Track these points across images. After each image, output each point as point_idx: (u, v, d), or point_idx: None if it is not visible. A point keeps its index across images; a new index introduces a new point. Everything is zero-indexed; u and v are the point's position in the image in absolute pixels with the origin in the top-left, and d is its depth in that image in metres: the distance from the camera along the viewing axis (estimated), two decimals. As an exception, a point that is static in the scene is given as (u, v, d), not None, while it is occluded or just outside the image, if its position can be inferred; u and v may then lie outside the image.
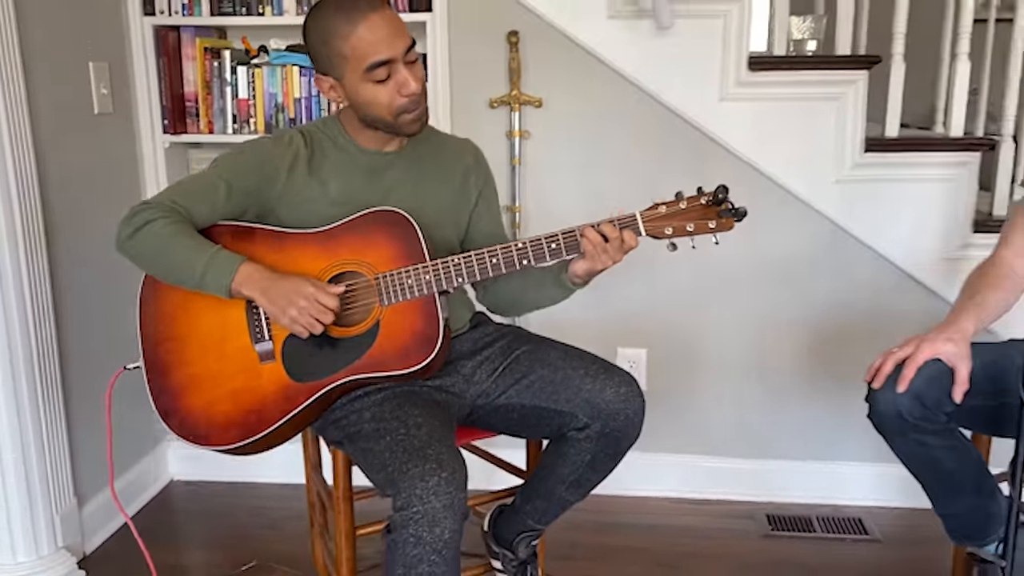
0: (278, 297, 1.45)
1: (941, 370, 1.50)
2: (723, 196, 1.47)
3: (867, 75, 2.21)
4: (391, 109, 1.52)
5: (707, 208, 1.50)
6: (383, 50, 1.47)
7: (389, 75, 1.49)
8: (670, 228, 1.51)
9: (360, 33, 1.46)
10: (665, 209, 1.51)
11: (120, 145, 2.38)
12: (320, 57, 1.53)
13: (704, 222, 1.50)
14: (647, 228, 1.51)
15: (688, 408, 2.47)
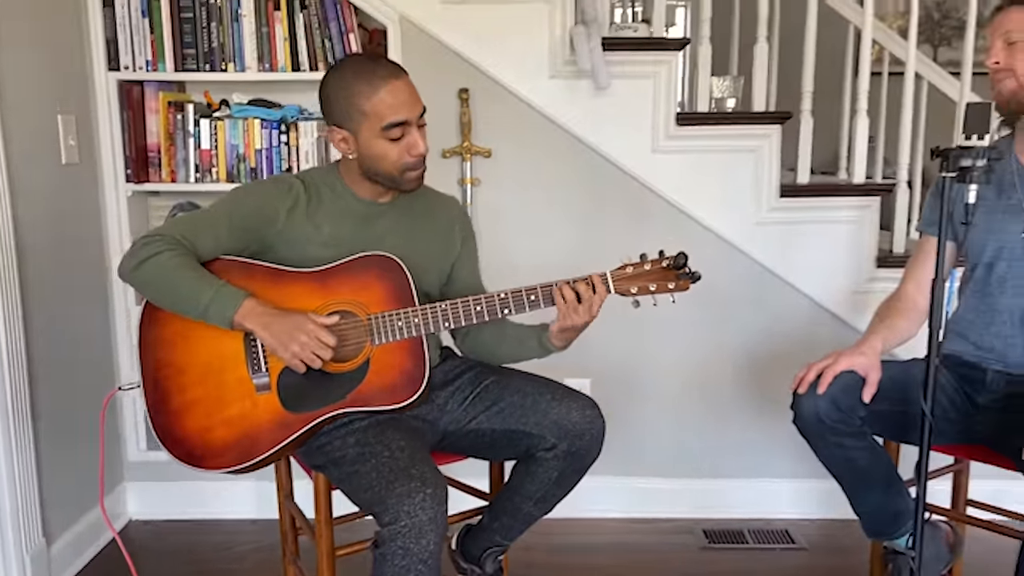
0: (280, 332, 1.58)
1: (855, 380, 1.73)
2: (683, 262, 1.68)
3: (780, 129, 2.49)
4: (398, 166, 1.67)
5: (667, 271, 1.70)
6: (402, 112, 1.63)
7: (402, 135, 1.65)
8: (635, 287, 1.70)
9: (382, 95, 1.62)
10: (632, 270, 1.70)
11: (85, 193, 2.47)
12: (338, 110, 1.67)
13: (665, 283, 1.70)
14: (615, 287, 1.70)
15: (630, 434, 2.67)
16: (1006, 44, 1.72)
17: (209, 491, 2.70)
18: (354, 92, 1.63)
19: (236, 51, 2.49)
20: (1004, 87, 1.73)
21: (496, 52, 2.45)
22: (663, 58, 2.45)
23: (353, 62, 1.68)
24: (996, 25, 1.75)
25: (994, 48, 1.74)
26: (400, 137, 1.64)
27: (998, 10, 1.75)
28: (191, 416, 1.66)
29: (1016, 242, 1.77)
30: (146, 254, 1.60)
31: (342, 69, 1.67)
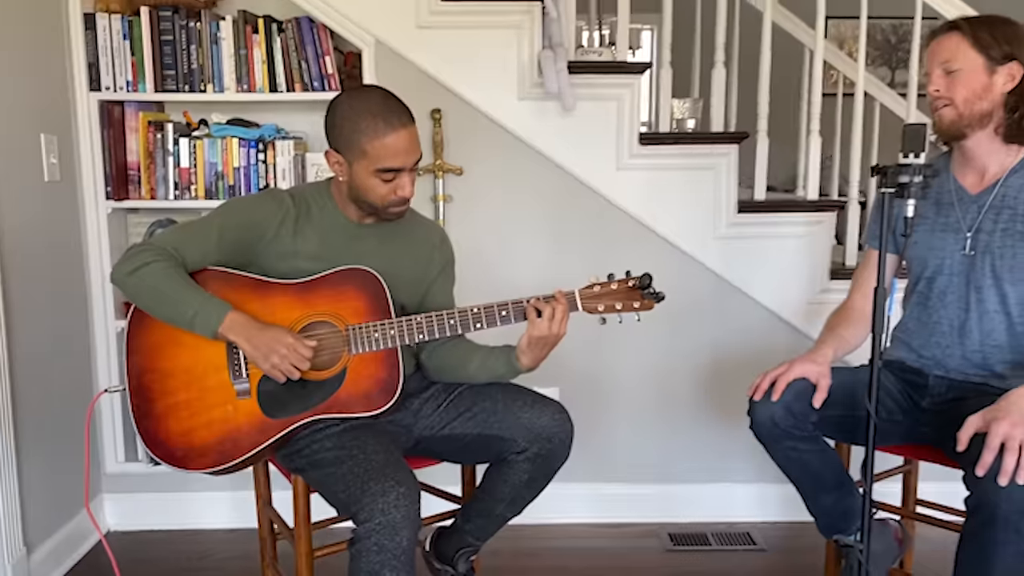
0: (261, 345, 1.67)
1: (807, 386, 1.84)
2: (648, 282, 1.78)
3: (737, 148, 2.61)
4: (383, 201, 1.76)
5: (633, 290, 1.80)
6: (398, 161, 1.72)
7: (394, 179, 1.74)
8: (602, 306, 1.80)
9: (386, 141, 1.69)
10: (599, 289, 1.80)
11: (66, 209, 2.53)
12: (341, 138, 1.73)
13: (630, 302, 1.80)
14: (583, 305, 1.79)
15: (596, 441, 2.76)
16: (945, 73, 1.83)
17: (186, 502, 2.75)
18: (361, 129, 1.69)
19: (215, 72, 2.57)
20: (944, 116, 1.84)
21: (467, 75, 2.56)
22: (626, 81, 2.57)
23: (368, 99, 1.72)
24: (933, 53, 1.86)
25: (933, 76, 1.85)
26: (391, 180, 1.73)
27: (933, 36, 1.87)
28: (174, 419, 1.73)
29: (955, 259, 1.89)
30: (138, 263, 1.68)
31: (356, 102, 1.72)
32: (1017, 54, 1.79)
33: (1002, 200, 1.85)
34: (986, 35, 1.79)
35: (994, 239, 1.84)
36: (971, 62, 1.80)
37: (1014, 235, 1.82)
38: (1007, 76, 1.80)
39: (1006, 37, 1.79)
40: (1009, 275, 1.83)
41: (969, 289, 1.88)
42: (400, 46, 2.55)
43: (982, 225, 1.86)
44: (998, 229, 1.84)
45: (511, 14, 2.53)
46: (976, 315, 1.87)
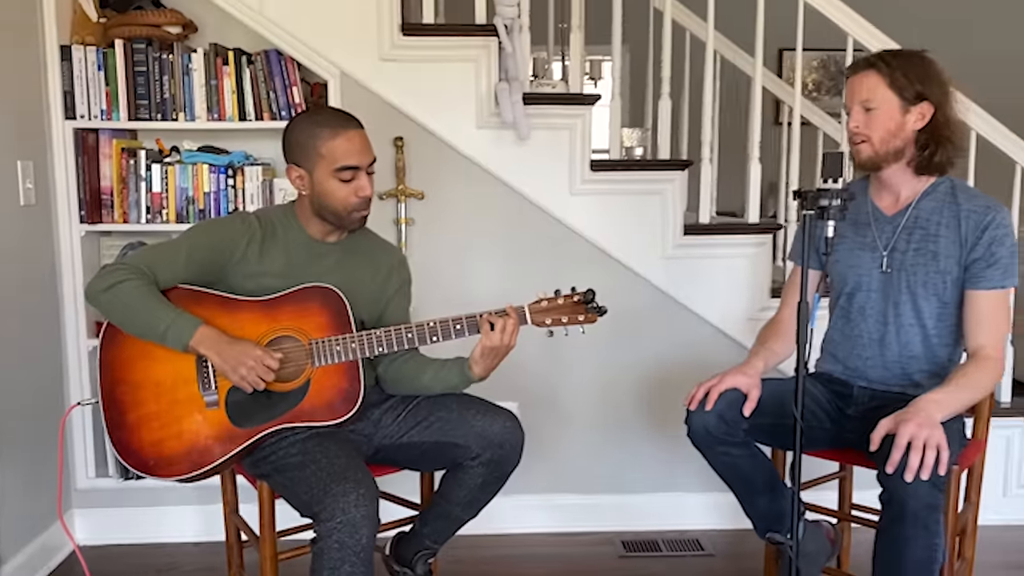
0: (230, 358, 1.79)
1: (738, 396, 1.98)
2: (591, 297, 1.94)
3: (683, 175, 2.78)
4: (345, 205, 1.90)
5: (578, 305, 1.95)
6: (353, 159, 1.87)
7: (352, 178, 1.88)
8: (549, 319, 1.94)
9: (339, 141, 1.87)
10: (546, 303, 1.94)
11: (41, 232, 2.63)
12: (299, 151, 1.90)
13: (575, 315, 1.95)
14: (532, 319, 1.94)
15: (552, 453, 2.89)
16: (864, 110, 1.98)
17: (155, 516, 2.83)
18: (315, 135, 1.86)
19: (187, 102, 2.69)
20: (862, 152, 2.00)
21: (428, 105, 2.70)
22: (578, 111, 2.73)
23: (318, 111, 1.95)
24: (852, 89, 2.01)
25: (853, 113, 2.00)
26: (350, 180, 1.87)
27: (853, 70, 2.03)
28: (146, 429, 1.84)
29: (873, 275, 2.06)
30: (112, 280, 1.80)
31: (308, 116, 1.92)
32: (928, 94, 1.94)
33: (915, 221, 2.02)
34: (901, 76, 1.93)
35: (907, 257, 2.01)
36: (887, 102, 1.95)
37: (926, 254, 1.99)
38: (918, 115, 1.96)
39: (919, 77, 1.94)
40: (922, 290, 1.99)
41: (887, 304, 2.04)
42: (364, 77, 2.69)
43: (897, 244, 2.02)
44: (911, 248, 2.01)
45: (469, 48, 2.68)
46: (894, 328, 2.04)
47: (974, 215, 1.96)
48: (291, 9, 2.64)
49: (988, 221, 1.94)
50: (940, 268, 1.98)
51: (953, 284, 1.98)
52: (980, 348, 1.94)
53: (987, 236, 1.94)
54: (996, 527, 2.90)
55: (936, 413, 1.78)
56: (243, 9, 2.65)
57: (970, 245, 1.95)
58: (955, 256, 1.97)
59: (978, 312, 1.95)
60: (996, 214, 1.95)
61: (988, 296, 1.95)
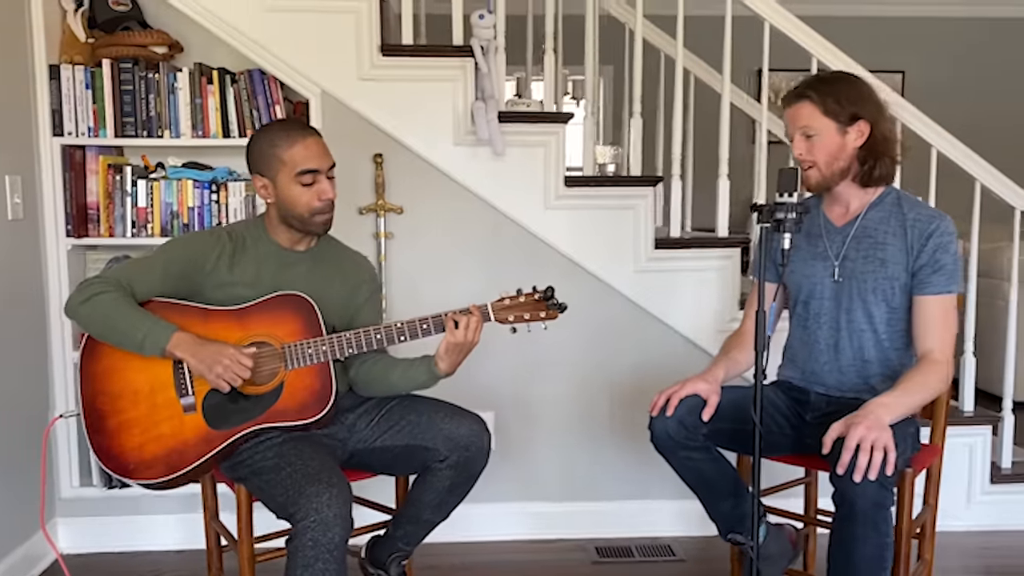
0: (206, 357, 1.86)
1: (698, 402, 2.06)
2: (551, 294, 2.03)
3: (654, 190, 2.87)
4: (309, 208, 1.99)
5: (539, 302, 2.03)
6: (313, 163, 1.97)
7: (313, 182, 1.97)
8: (512, 316, 2.03)
9: (298, 147, 1.96)
10: (508, 301, 2.03)
11: (29, 245, 2.70)
12: (261, 161, 1.99)
13: (537, 312, 2.04)
14: (495, 316, 2.02)
15: (528, 462, 2.95)
16: (805, 137, 2.10)
17: (138, 525, 2.88)
18: (275, 144, 1.96)
19: (172, 119, 2.77)
20: (811, 178, 2.10)
21: (407, 122, 2.79)
22: (552, 129, 2.82)
23: (276, 122, 2.07)
24: (792, 118, 2.11)
25: (795, 140, 2.10)
26: (311, 183, 1.95)
27: (787, 102, 2.12)
28: (126, 435, 1.90)
29: (826, 284, 2.15)
30: (91, 293, 1.87)
31: (267, 127, 2.04)
32: (862, 113, 2.06)
33: (863, 231, 2.12)
34: (832, 103, 2.05)
35: (857, 265, 2.11)
36: (825, 128, 2.07)
37: (874, 261, 2.09)
38: (857, 133, 2.07)
39: (850, 99, 2.06)
40: (872, 296, 2.09)
41: (840, 311, 2.13)
42: (344, 96, 2.77)
43: (847, 253, 2.12)
44: (860, 256, 2.11)
45: (446, 68, 2.77)
46: (847, 334, 2.13)
47: (919, 223, 2.07)
48: (274, 30, 2.73)
49: (933, 229, 2.05)
50: (888, 274, 2.07)
51: (901, 290, 2.07)
52: (928, 352, 2.03)
53: (932, 243, 2.04)
54: (959, 533, 2.98)
55: (885, 416, 1.86)
56: (227, 30, 2.74)
57: (916, 252, 2.05)
58: (902, 263, 2.07)
59: (925, 317, 2.05)
60: (940, 223, 2.06)
61: (934, 301, 2.04)
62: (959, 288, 2.07)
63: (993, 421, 3.04)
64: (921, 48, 6.74)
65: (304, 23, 2.74)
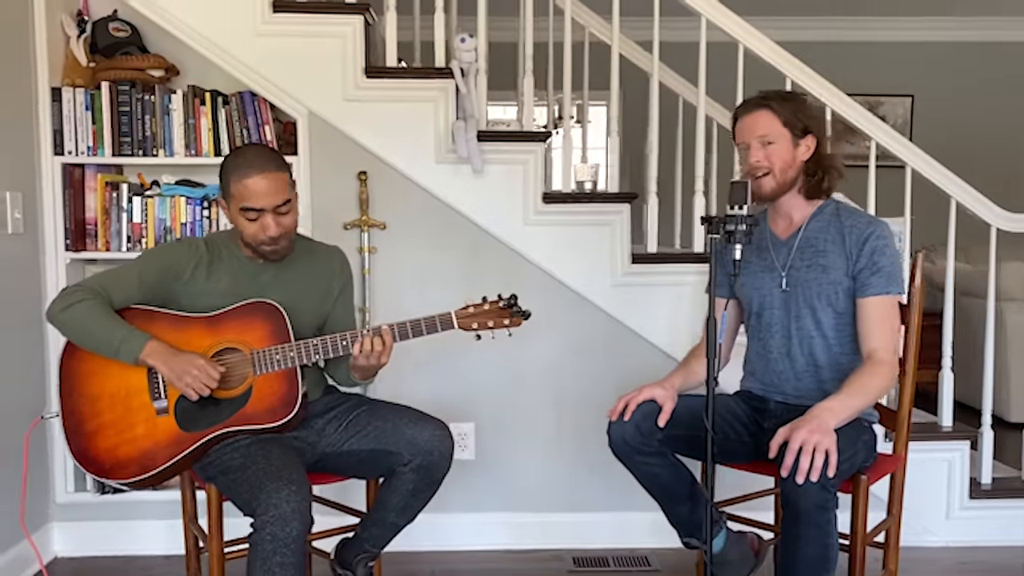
0: (176, 367, 1.96)
1: (653, 408, 2.12)
2: (514, 302, 2.11)
3: (629, 207, 2.94)
4: (254, 240, 2.08)
5: (503, 309, 2.12)
6: (256, 202, 2.03)
7: (257, 218, 2.05)
8: (476, 323, 2.11)
9: (246, 183, 2.03)
10: (473, 309, 2.12)
11: (29, 258, 2.83)
12: (222, 184, 2.10)
13: (501, 319, 2.12)
14: (459, 323, 2.10)
15: (508, 473, 3.01)
16: (762, 145, 2.17)
17: (131, 530, 2.97)
18: (230, 174, 2.05)
19: (166, 139, 2.90)
20: (765, 186, 2.17)
21: (390, 141, 2.89)
22: (530, 148, 2.91)
23: (243, 151, 2.11)
24: (749, 127, 2.18)
25: (753, 148, 2.17)
26: (255, 219, 2.04)
27: (746, 109, 2.20)
28: (102, 437, 2.00)
29: (775, 295, 2.23)
30: (70, 301, 1.98)
31: (231, 156, 2.11)
32: (811, 128, 2.17)
33: (806, 241, 2.20)
34: (789, 114, 2.15)
35: (801, 274, 2.18)
36: (782, 137, 2.16)
37: (816, 268, 2.16)
38: (805, 147, 2.18)
39: (804, 114, 2.17)
40: (818, 303, 2.16)
41: (789, 319, 2.20)
42: (330, 116, 2.89)
43: (793, 263, 2.19)
44: (804, 265, 2.18)
45: (428, 90, 2.88)
46: (797, 341, 2.19)
47: (856, 230, 2.14)
48: (263, 54, 2.85)
49: (869, 233, 2.13)
50: (831, 280, 2.15)
51: (845, 294, 2.15)
52: (873, 352, 2.09)
53: (868, 247, 2.12)
54: (937, 548, 2.99)
55: (830, 420, 1.91)
56: (220, 54, 2.87)
57: (855, 257, 2.13)
58: (843, 268, 2.14)
59: (868, 318, 2.11)
60: (876, 227, 2.14)
61: (875, 302, 2.11)
62: (900, 289, 2.14)
63: (972, 436, 3.05)
64: (930, 72, 6.77)
65: (292, 47, 2.86)
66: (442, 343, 2.93)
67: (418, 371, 2.97)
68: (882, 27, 6.66)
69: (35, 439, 2.78)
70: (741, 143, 2.21)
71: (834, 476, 1.85)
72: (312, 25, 2.86)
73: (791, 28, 6.29)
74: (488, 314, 2.10)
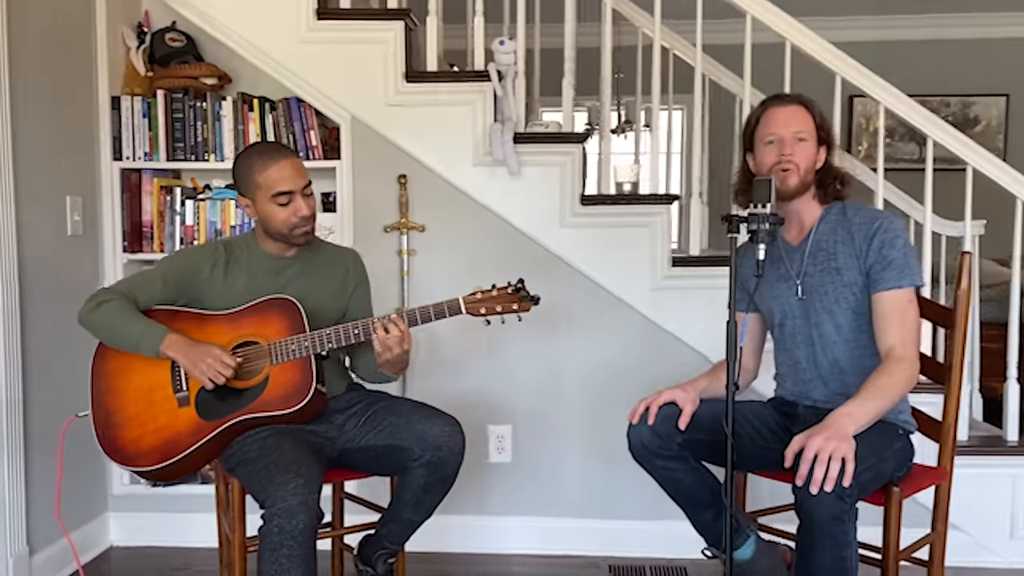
0: (193, 356, 2.03)
1: (673, 411, 2.07)
2: (521, 286, 2.09)
3: (669, 208, 2.88)
4: (287, 225, 2.14)
5: (511, 295, 2.11)
6: (286, 184, 2.11)
7: (289, 201, 2.12)
8: (484, 308, 2.11)
9: (272, 170, 2.11)
10: (481, 295, 2.11)
11: (87, 259, 2.97)
12: (242, 183, 2.17)
13: (509, 304, 2.11)
14: (467, 308, 2.10)
15: (545, 476, 2.99)
16: (796, 140, 2.09)
17: (178, 521, 3.08)
18: (251, 166, 2.12)
19: (217, 144, 3.00)
20: (790, 180, 2.09)
21: (429, 145, 2.92)
22: (568, 149, 2.89)
23: (254, 146, 2.19)
24: (785, 119, 2.09)
25: (786, 141, 2.08)
26: (287, 203, 2.09)
27: (781, 101, 2.13)
28: (128, 428, 2.08)
29: (792, 304, 2.16)
30: (97, 302, 2.09)
31: (245, 152, 2.18)
32: (830, 140, 2.13)
33: (817, 245, 2.13)
34: (819, 118, 2.11)
35: (816, 279, 2.11)
36: (812, 137, 2.11)
37: (830, 272, 2.09)
38: (821, 154, 2.13)
39: (827, 123, 2.14)
40: (836, 307, 2.07)
41: (810, 327, 2.12)
42: (372, 121, 2.94)
43: (807, 269, 2.12)
44: (817, 270, 2.11)
45: (466, 93, 2.90)
46: (820, 348, 2.11)
47: (863, 226, 2.07)
48: (308, 60, 2.92)
49: (876, 228, 2.05)
50: (845, 281, 2.07)
51: (861, 294, 2.06)
52: (891, 349, 1.99)
53: (876, 241, 2.03)
54: (1000, 569, 2.81)
55: (848, 425, 1.82)
56: (267, 61, 2.96)
57: (864, 253, 2.05)
58: (855, 267, 2.06)
59: (882, 314, 2.02)
60: (883, 220, 2.06)
61: (888, 296, 2.02)
62: (914, 281, 2.04)
63: (1040, 451, 2.86)
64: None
65: (335, 53, 2.93)
66: (477, 344, 2.96)
67: (454, 372, 2.99)
68: (974, 24, 6.36)
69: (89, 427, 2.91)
70: (771, 135, 2.11)
71: (850, 486, 1.76)
72: (354, 32, 2.92)
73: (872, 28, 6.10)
74: (496, 299, 2.10)
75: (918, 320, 2.06)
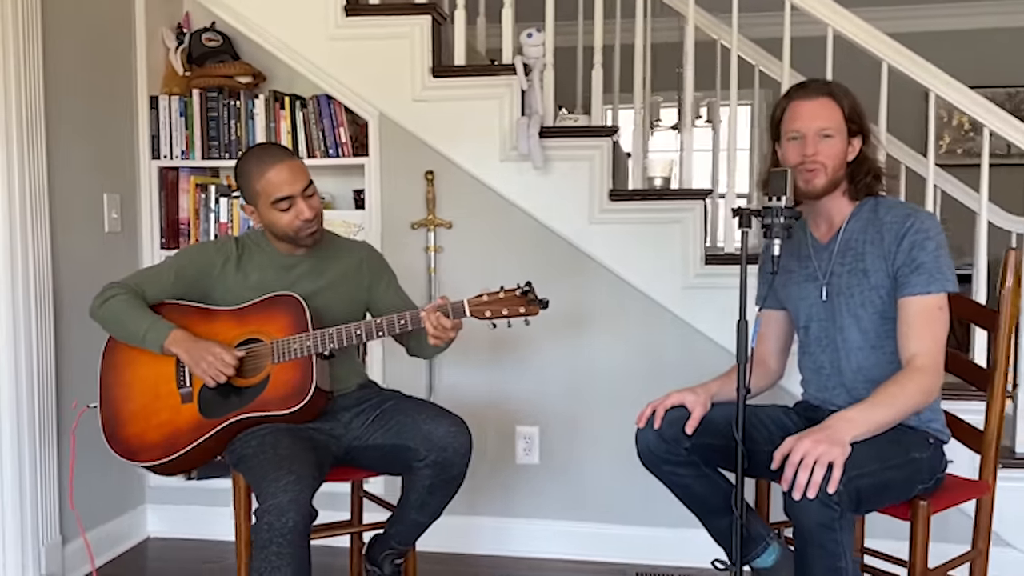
0: (194, 353, 2.04)
1: (681, 414, 1.97)
2: (529, 289, 2.03)
3: (702, 204, 2.77)
4: (292, 228, 2.12)
5: (519, 298, 2.04)
6: (284, 189, 2.08)
7: (290, 206, 2.10)
8: (489, 311, 2.04)
9: (269, 176, 2.08)
10: (487, 297, 2.05)
11: (124, 256, 3.03)
12: (244, 190, 2.16)
13: (516, 308, 2.04)
14: (472, 311, 2.05)
15: (572, 480, 2.91)
16: (821, 138, 1.94)
17: (214, 515, 3.12)
18: (248, 174, 2.10)
19: (250, 142, 3.03)
20: (816, 180, 1.94)
21: (456, 140, 2.89)
22: (596, 143, 2.81)
23: (251, 152, 2.15)
24: (810, 114, 1.94)
25: (810, 138, 1.94)
26: (288, 208, 2.07)
27: (805, 93, 1.98)
28: (133, 423, 2.10)
29: (818, 305, 2.02)
30: (106, 296, 2.11)
31: (243, 158, 2.15)
32: (864, 129, 1.96)
33: (846, 244, 1.98)
34: (850, 108, 1.94)
35: (843, 280, 1.97)
36: (840, 132, 1.95)
37: (857, 273, 1.94)
38: (853, 148, 1.97)
39: (860, 112, 1.96)
40: (862, 311, 1.93)
41: (835, 330, 1.99)
42: (399, 117, 2.92)
43: (834, 269, 1.99)
44: (845, 271, 1.97)
45: (493, 87, 2.85)
46: (844, 352, 1.97)
47: (894, 225, 1.91)
48: (337, 58, 2.93)
49: (907, 227, 1.89)
50: (872, 284, 1.92)
51: (889, 297, 1.92)
52: (913, 357, 1.84)
53: (907, 242, 1.88)
54: (1058, 593, 2.60)
55: (844, 430, 1.71)
56: (297, 59, 2.97)
57: (893, 254, 1.90)
58: (883, 269, 1.91)
59: (907, 320, 1.87)
60: (915, 219, 1.89)
61: (915, 302, 1.86)
62: (944, 288, 1.87)
63: (1107, 467, 2.64)
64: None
65: (363, 50, 2.92)
66: (506, 344, 2.90)
67: (482, 372, 2.94)
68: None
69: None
70: (794, 131, 1.97)
71: (837, 492, 1.63)
72: (381, 27, 2.91)
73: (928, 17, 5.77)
74: (503, 302, 2.03)
75: (946, 329, 1.89)
